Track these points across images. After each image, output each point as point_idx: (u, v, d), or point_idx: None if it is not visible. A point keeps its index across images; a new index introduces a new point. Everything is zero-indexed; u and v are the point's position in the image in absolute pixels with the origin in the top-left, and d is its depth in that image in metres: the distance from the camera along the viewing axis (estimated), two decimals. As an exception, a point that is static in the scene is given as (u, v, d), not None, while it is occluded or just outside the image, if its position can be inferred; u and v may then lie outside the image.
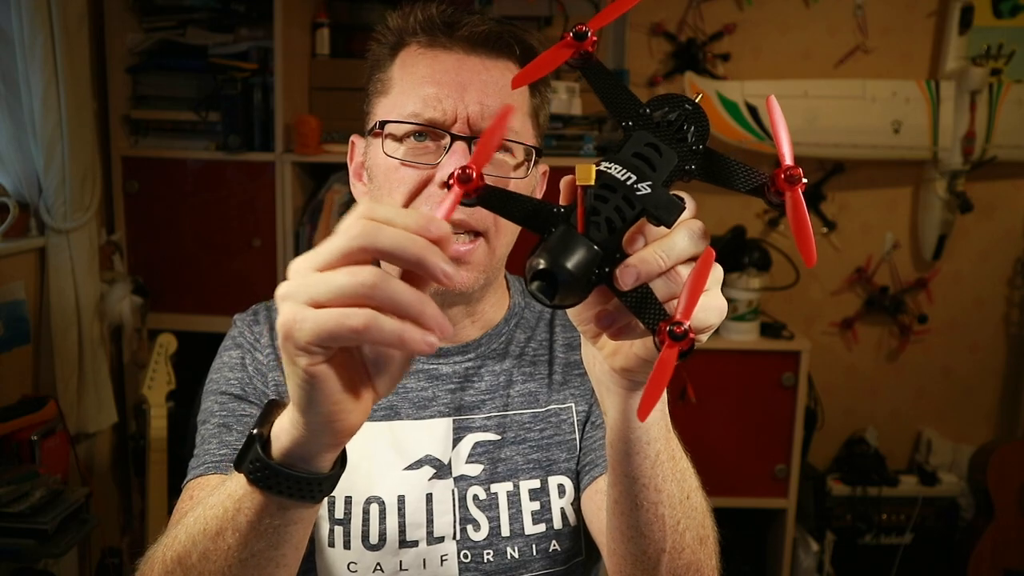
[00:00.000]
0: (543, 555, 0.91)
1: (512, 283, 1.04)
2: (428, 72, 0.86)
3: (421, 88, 0.85)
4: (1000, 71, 2.60)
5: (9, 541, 1.55)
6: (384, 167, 0.86)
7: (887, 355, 2.84)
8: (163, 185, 2.28)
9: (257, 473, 0.56)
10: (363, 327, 0.46)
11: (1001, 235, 2.77)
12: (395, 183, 0.85)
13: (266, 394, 0.91)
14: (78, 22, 1.93)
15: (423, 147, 0.85)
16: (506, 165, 0.87)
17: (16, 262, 1.94)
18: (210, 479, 0.83)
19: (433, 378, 0.94)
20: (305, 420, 0.52)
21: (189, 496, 0.84)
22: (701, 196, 2.22)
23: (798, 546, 2.52)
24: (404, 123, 0.85)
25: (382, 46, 0.91)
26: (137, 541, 2.31)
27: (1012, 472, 2.49)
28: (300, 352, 0.48)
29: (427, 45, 0.87)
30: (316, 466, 0.56)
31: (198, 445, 0.89)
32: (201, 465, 0.86)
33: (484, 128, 0.84)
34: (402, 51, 0.89)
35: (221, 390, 0.92)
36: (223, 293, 2.31)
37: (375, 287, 0.46)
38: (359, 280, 0.46)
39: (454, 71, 0.85)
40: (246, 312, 1.00)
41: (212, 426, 0.89)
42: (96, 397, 2.08)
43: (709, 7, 2.64)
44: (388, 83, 0.89)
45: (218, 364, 0.95)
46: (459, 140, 0.84)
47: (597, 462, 0.91)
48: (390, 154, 0.86)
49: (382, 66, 0.90)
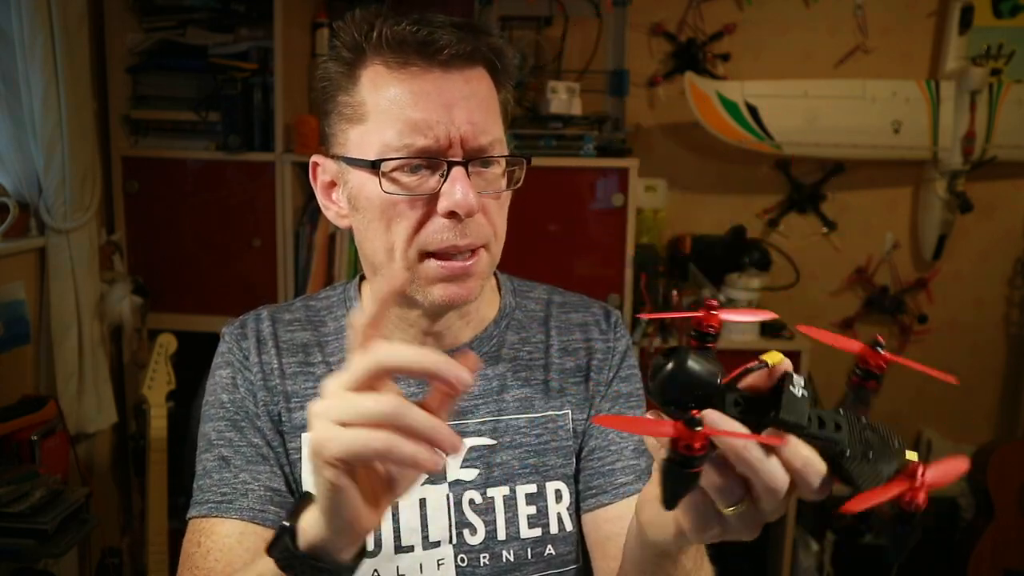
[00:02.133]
0: (539, 559, 0.91)
1: (503, 282, 1.02)
2: (408, 96, 0.80)
3: (403, 113, 0.80)
4: (1000, 71, 2.60)
5: (9, 541, 1.55)
6: (380, 203, 0.82)
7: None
8: (163, 185, 2.28)
9: (286, 561, 0.63)
10: (385, 449, 0.54)
11: (1001, 235, 2.77)
12: (395, 219, 0.82)
13: (257, 415, 0.91)
14: (78, 22, 1.93)
15: (419, 178, 0.82)
16: (495, 177, 0.86)
17: (16, 262, 1.93)
18: (212, 523, 0.86)
19: (424, 384, 0.92)
20: (328, 521, 0.59)
21: (197, 542, 0.85)
22: (701, 196, 2.23)
23: (798, 546, 2.52)
24: (400, 159, 0.80)
25: (336, 63, 0.84)
26: (137, 541, 2.31)
27: (1012, 472, 2.49)
28: (327, 466, 0.55)
29: (397, 65, 0.81)
30: (339, 558, 0.62)
31: (200, 474, 0.90)
32: (205, 504, 0.87)
33: (477, 145, 0.82)
34: (365, 70, 0.83)
35: (218, 416, 0.91)
36: (223, 293, 2.31)
37: (395, 414, 0.54)
38: (381, 408, 0.54)
39: (436, 93, 0.80)
40: (234, 324, 0.97)
41: (212, 458, 0.89)
42: (96, 397, 2.08)
43: (709, 7, 2.64)
44: (360, 108, 0.83)
45: (212, 384, 0.94)
46: (456, 166, 0.81)
47: (606, 488, 0.92)
48: (389, 192, 0.81)
49: (343, 86, 0.84)
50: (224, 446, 0.90)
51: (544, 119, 2.28)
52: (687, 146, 2.71)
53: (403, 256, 0.84)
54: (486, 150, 0.83)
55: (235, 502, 0.86)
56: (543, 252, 2.26)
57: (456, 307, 0.88)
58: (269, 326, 0.96)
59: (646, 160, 2.49)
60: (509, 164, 0.87)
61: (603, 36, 2.53)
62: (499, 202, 0.87)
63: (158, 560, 2.04)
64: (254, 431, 0.90)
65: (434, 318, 0.91)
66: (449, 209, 0.80)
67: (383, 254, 0.85)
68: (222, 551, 0.84)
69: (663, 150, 2.71)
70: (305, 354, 0.94)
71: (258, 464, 0.89)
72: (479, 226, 0.84)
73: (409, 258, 0.84)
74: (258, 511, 0.86)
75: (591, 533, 0.93)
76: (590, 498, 0.93)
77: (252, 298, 2.24)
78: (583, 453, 0.95)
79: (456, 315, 0.93)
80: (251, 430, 0.90)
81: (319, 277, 2.28)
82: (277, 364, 0.93)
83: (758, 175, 2.73)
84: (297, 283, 2.30)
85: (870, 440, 0.51)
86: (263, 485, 0.88)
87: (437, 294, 0.84)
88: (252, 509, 0.86)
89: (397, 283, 0.61)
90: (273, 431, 0.91)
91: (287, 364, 0.93)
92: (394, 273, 0.84)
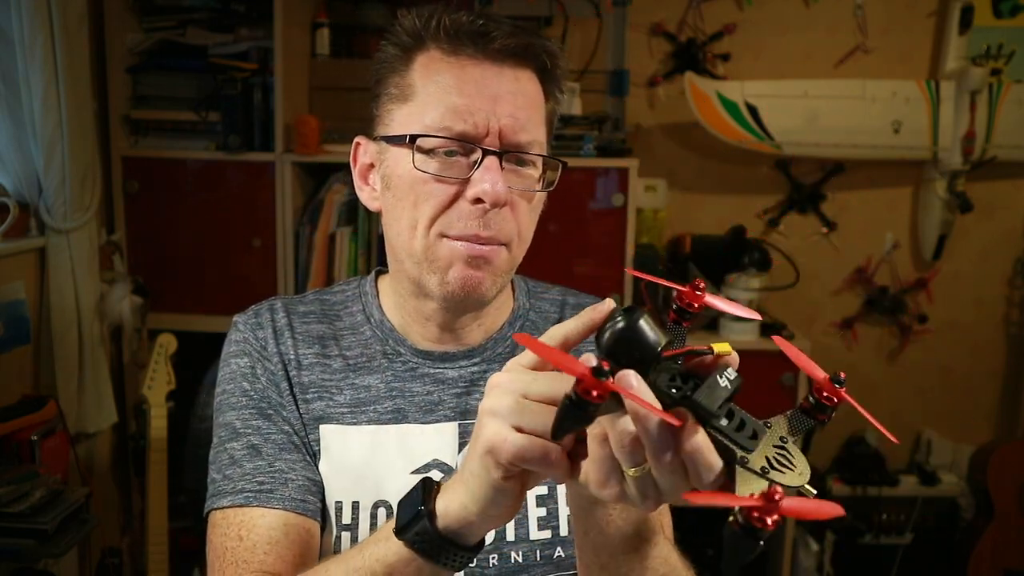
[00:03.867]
0: (547, 561, 0.90)
1: (517, 283, 1.02)
2: (455, 82, 0.82)
3: (448, 98, 0.82)
4: (1000, 71, 2.61)
5: (9, 541, 1.55)
6: (410, 179, 0.84)
7: (887, 355, 2.84)
8: (163, 185, 2.28)
9: (424, 544, 0.65)
10: (556, 461, 0.57)
11: (1001, 235, 2.77)
12: (422, 196, 0.83)
13: (282, 404, 0.90)
14: (78, 22, 1.93)
15: (453, 161, 0.83)
16: (531, 177, 0.87)
17: (16, 262, 1.93)
18: (252, 515, 0.84)
19: (439, 382, 0.93)
20: (481, 510, 0.62)
21: (238, 536, 0.82)
22: (702, 195, 2.24)
23: (798, 546, 2.52)
24: (437, 137, 0.82)
25: (395, 47, 0.87)
26: (137, 541, 2.31)
27: (1012, 472, 2.49)
28: (498, 466, 0.58)
29: (451, 52, 0.84)
30: (474, 540, 0.66)
31: (227, 463, 0.87)
32: (240, 493, 0.85)
33: (516, 141, 0.83)
34: (420, 55, 0.85)
35: (242, 404, 0.90)
36: (223, 293, 2.30)
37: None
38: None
39: (483, 82, 0.82)
40: (246, 313, 0.97)
41: (241, 447, 0.88)
42: (96, 397, 2.08)
43: (709, 7, 2.64)
44: (408, 89, 0.85)
45: (228, 373, 0.93)
46: (490, 155, 0.81)
47: None
48: (421, 168, 0.82)
49: (397, 69, 0.87)
50: (252, 434, 0.88)
51: (544, 119, 2.28)
52: (687, 146, 2.72)
53: (424, 234, 0.84)
54: (524, 147, 0.84)
55: (276, 491, 0.85)
56: (543, 252, 2.23)
57: (470, 299, 0.87)
58: (284, 316, 0.95)
59: (646, 160, 2.49)
60: (545, 168, 0.88)
61: (603, 36, 2.53)
62: (530, 204, 0.87)
63: (158, 560, 2.04)
64: (282, 420, 0.90)
65: (450, 312, 0.91)
66: (477, 196, 0.81)
67: (406, 232, 0.85)
68: (271, 544, 0.82)
69: (663, 150, 2.71)
70: (322, 346, 0.94)
71: (291, 452, 0.88)
72: (504, 221, 0.84)
73: (430, 237, 0.84)
74: (299, 501, 0.85)
75: None
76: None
77: (252, 298, 2.22)
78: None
79: (472, 318, 0.93)
80: (279, 418, 0.90)
81: (319, 277, 2.28)
82: (294, 355, 0.93)
83: (758, 175, 2.74)
84: (297, 283, 2.30)
85: (779, 461, 0.51)
86: (300, 474, 0.87)
87: (453, 275, 0.84)
88: (294, 499, 0.85)
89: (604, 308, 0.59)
90: (299, 421, 0.90)
91: (303, 355, 0.93)
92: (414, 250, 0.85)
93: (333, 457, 0.90)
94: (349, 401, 0.91)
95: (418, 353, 0.93)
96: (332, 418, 0.91)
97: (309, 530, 0.86)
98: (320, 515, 0.88)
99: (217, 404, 0.93)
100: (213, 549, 0.85)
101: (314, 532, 0.87)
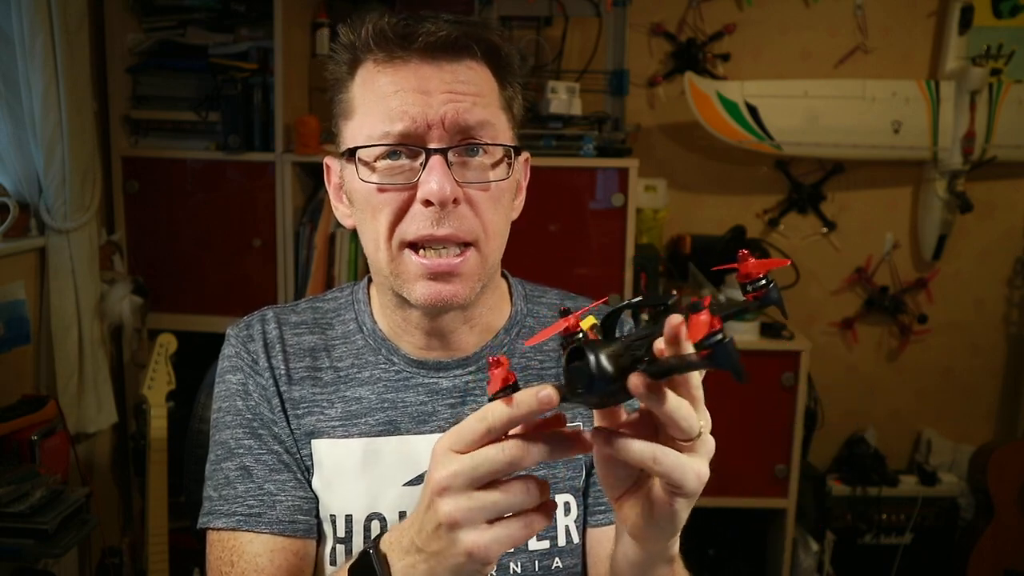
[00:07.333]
0: (545, 571, 0.90)
1: (514, 287, 1.00)
2: (389, 87, 0.81)
3: (383, 103, 0.81)
4: (1000, 71, 2.60)
5: (9, 541, 1.55)
6: (364, 193, 0.83)
7: (887, 355, 2.84)
8: (163, 185, 2.28)
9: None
10: (523, 539, 0.60)
11: (1001, 235, 2.77)
12: (377, 207, 0.83)
13: (274, 420, 0.90)
14: (78, 22, 1.93)
15: (398, 166, 0.82)
16: (483, 167, 0.84)
17: (16, 262, 1.93)
18: (242, 540, 0.87)
19: (433, 392, 0.92)
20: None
21: (230, 561, 0.86)
22: (702, 195, 2.24)
23: (798, 546, 2.52)
24: (374, 146, 0.81)
25: (339, 65, 0.87)
26: (137, 541, 2.31)
27: (1012, 472, 2.49)
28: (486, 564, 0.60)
29: (384, 60, 0.82)
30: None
31: (222, 483, 0.89)
32: (233, 515, 0.87)
33: (460, 127, 0.81)
34: (360, 68, 0.85)
35: (235, 423, 0.91)
36: (223, 293, 2.31)
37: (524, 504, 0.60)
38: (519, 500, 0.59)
39: (414, 79, 0.81)
40: (239, 325, 0.96)
41: (234, 467, 0.89)
42: (96, 397, 2.08)
43: (709, 7, 2.64)
44: (350, 104, 0.85)
45: (223, 391, 0.93)
46: (434, 154, 0.80)
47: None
48: (366, 180, 0.82)
49: (342, 86, 0.87)
50: (245, 454, 0.89)
51: (544, 119, 2.28)
52: (687, 146, 2.72)
53: (387, 247, 0.83)
54: (474, 130, 0.82)
55: (264, 515, 0.86)
56: (543, 252, 2.26)
57: (447, 309, 0.86)
58: (275, 328, 0.95)
59: (646, 160, 2.49)
60: (507, 158, 0.85)
61: (603, 36, 2.52)
62: (489, 195, 0.84)
63: (158, 560, 2.04)
64: (272, 438, 0.90)
65: (432, 318, 0.89)
66: (425, 197, 0.80)
67: (372, 245, 0.86)
68: (257, 571, 0.85)
69: (663, 150, 2.71)
70: (312, 358, 0.93)
71: (281, 472, 0.89)
72: (462, 218, 0.82)
73: (392, 248, 0.83)
74: (288, 523, 0.87)
75: (593, 548, 0.92)
76: (599, 514, 0.92)
77: (252, 298, 2.24)
78: (594, 467, 0.93)
79: (460, 319, 0.91)
80: (269, 437, 0.90)
81: (319, 277, 2.28)
82: (284, 369, 0.92)
83: (758, 175, 2.74)
84: (297, 283, 2.30)
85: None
86: (289, 495, 0.88)
87: (420, 292, 0.83)
88: (282, 522, 0.87)
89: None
90: (291, 438, 0.90)
91: (294, 369, 0.92)
92: (381, 266, 0.86)
93: (325, 471, 0.90)
94: (340, 414, 0.91)
95: (412, 363, 0.92)
96: (323, 432, 0.90)
97: (297, 551, 0.88)
98: (314, 531, 0.90)
99: (213, 421, 0.93)
100: (211, 570, 0.88)
101: (304, 551, 0.88)
